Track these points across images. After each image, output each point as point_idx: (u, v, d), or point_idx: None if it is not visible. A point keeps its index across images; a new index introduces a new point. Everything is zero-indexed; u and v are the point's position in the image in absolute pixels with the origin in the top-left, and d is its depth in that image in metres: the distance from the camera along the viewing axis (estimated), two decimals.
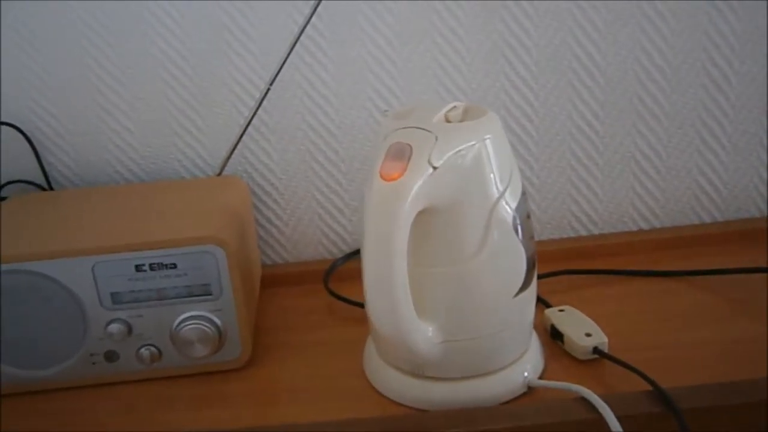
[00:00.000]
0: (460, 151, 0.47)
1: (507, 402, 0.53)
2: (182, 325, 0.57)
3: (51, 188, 0.72)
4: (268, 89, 0.67)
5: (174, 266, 0.56)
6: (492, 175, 0.49)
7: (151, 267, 0.56)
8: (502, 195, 0.49)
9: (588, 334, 0.58)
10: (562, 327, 0.60)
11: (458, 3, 0.68)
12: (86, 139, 0.72)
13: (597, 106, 0.73)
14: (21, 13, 0.67)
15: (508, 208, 0.50)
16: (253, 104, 0.70)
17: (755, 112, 0.74)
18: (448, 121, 0.51)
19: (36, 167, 0.71)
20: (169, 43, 0.69)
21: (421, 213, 0.47)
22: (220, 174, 0.71)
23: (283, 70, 0.68)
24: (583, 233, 0.78)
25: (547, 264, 0.72)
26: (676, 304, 0.65)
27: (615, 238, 0.77)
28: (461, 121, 0.52)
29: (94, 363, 0.58)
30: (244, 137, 0.71)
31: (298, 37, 0.65)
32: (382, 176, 0.46)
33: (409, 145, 0.46)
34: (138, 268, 0.56)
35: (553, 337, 0.61)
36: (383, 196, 0.45)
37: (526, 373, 0.55)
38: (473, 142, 0.48)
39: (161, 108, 0.71)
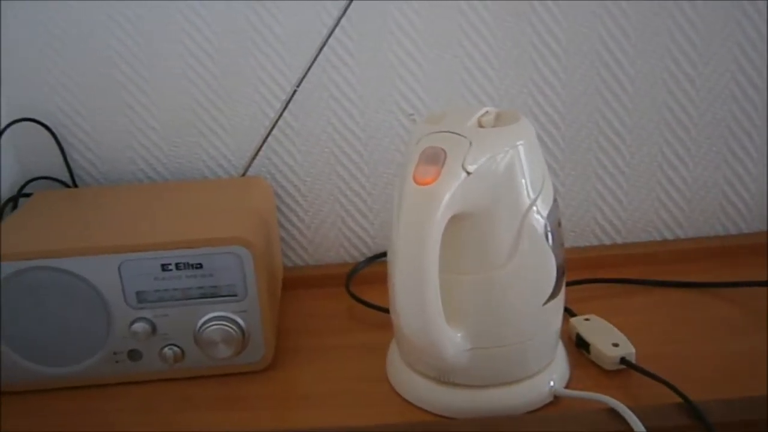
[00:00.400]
0: (493, 156, 0.47)
1: (533, 411, 0.53)
2: (206, 325, 0.57)
3: (75, 185, 0.72)
4: (295, 91, 0.67)
5: (200, 266, 0.56)
6: (524, 182, 0.49)
7: (177, 266, 0.56)
8: (534, 202, 0.49)
9: (615, 344, 0.57)
10: (588, 336, 0.59)
11: (486, 6, 0.68)
12: (112, 137, 0.72)
13: (624, 113, 0.72)
14: (51, 12, 0.67)
15: (539, 215, 0.49)
16: (278, 106, 0.70)
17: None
18: (480, 126, 0.50)
19: (61, 164, 0.72)
20: (197, 43, 0.69)
21: (452, 218, 0.47)
22: (244, 174, 0.71)
23: (309, 71, 0.68)
24: (607, 242, 0.78)
25: (570, 272, 0.72)
26: (701, 316, 0.65)
27: (640, 247, 0.76)
28: (494, 126, 0.51)
29: (117, 361, 0.58)
30: (269, 138, 0.71)
31: (326, 40, 0.65)
32: (415, 180, 0.45)
33: (443, 150, 0.46)
34: (164, 267, 0.56)
35: (578, 346, 0.60)
36: (416, 200, 0.45)
37: (552, 383, 0.54)
38: (507, 148, 0.48)
39: (187, 107, 0.71)
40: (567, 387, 0.55)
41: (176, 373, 0.59)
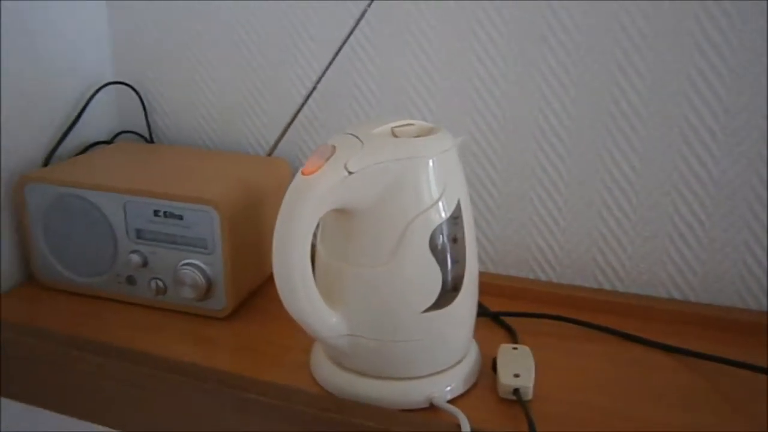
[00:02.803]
0: (384, 162, 0.51)
1: (405, 411, 0.55)
2: (181, 268, 0.68)
3: (153, 142, 0.88)
4: (314, 88, 0.75)
5: (181, 218, 0.67)
6: (417, 193, 0.51)
7: (165, 214, 0.67)
8: (423, 213, 0.51)
9: (517, 375, 0.57)
10: (501, 362, 0.59)
11: (498, 30, 0.70)
12: (183, 106, 0.86)
13: (633, 155, 0.69)
14: (155, 7, 0.83)
15: (429, 226, 0.52)
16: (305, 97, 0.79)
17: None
18: (395, 135, 0.54)
19: (144, 122, 0.88)
20: (251, 38, 0.80)
21: (340, 212, 0.52)
22: (270, 155, 0.81)
23: (336, 73, 0.75)
24: (607, 287, 0.74)
25: (550, 307, 0.71)
26: (648, 377, 0.61)
27: (638, 299, 0.72)
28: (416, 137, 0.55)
29: (119, 282, 0.72)
30: (300, 127, 0.80)
31: (343, 44, 0.72)
32: (302, 170, 0.51)
33: (333, 147, 0.51)
34: (155, 213, 0.68)
35: (493, 369, 0.60)
36: (295, 187, 0.51)
37: (443, 389, 0.56)
38: (400, 158, 0.51)
39: (239, 92, 0.83)
40: (454, 401, 0.57)
41: (160, 304, 0.71)
